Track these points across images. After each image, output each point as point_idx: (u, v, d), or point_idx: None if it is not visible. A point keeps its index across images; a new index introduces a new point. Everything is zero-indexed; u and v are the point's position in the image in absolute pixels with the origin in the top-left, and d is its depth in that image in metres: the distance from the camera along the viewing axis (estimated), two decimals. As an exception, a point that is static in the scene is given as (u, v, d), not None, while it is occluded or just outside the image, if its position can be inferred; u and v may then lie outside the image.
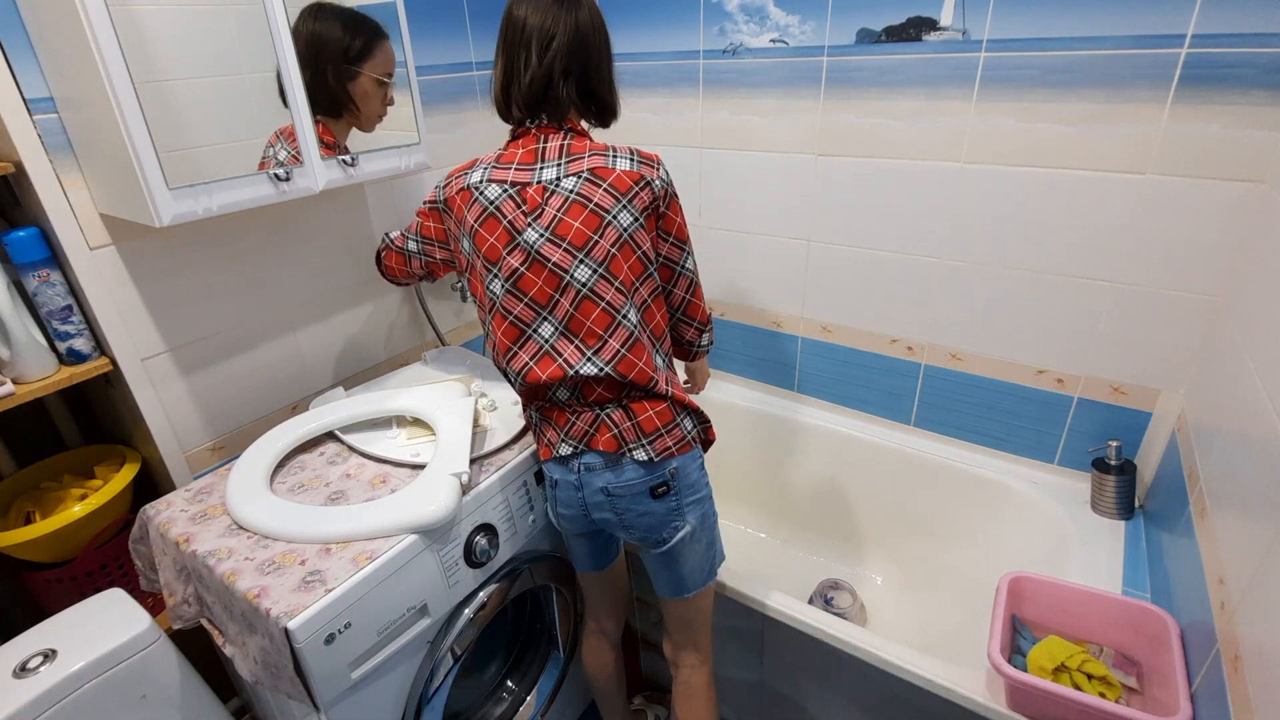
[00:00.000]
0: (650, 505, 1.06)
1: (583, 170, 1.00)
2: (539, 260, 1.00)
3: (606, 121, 1.10)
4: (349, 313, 1.51)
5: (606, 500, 1.07)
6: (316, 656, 0.90)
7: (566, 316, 1.01)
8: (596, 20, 1.03)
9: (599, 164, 1.01)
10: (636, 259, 1.02)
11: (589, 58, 1.03)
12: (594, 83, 1.05)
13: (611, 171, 1.00)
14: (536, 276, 1.01)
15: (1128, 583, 1.24)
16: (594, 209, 0.99)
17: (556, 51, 1.00)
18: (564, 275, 1.00)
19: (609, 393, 1.04)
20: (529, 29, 0.99)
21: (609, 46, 1.06)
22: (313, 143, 1.13)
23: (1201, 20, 1.11)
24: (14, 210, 1.09)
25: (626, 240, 1.00)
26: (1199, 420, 1.19)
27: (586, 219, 0.99)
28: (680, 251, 1.08)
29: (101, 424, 1.31)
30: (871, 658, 1.15)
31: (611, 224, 0.99)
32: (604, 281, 0.99)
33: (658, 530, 1.08)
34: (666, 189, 1.04)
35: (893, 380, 1.69)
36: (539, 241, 1.00)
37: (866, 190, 1.55)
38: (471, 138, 1.71)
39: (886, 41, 1.40)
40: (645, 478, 1.04)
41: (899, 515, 1.73)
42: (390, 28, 1.23)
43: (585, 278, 0.99)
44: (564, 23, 0.99)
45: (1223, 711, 0.82)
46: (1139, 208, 1.25)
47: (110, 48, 0.88)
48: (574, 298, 1.00)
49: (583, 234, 0.99)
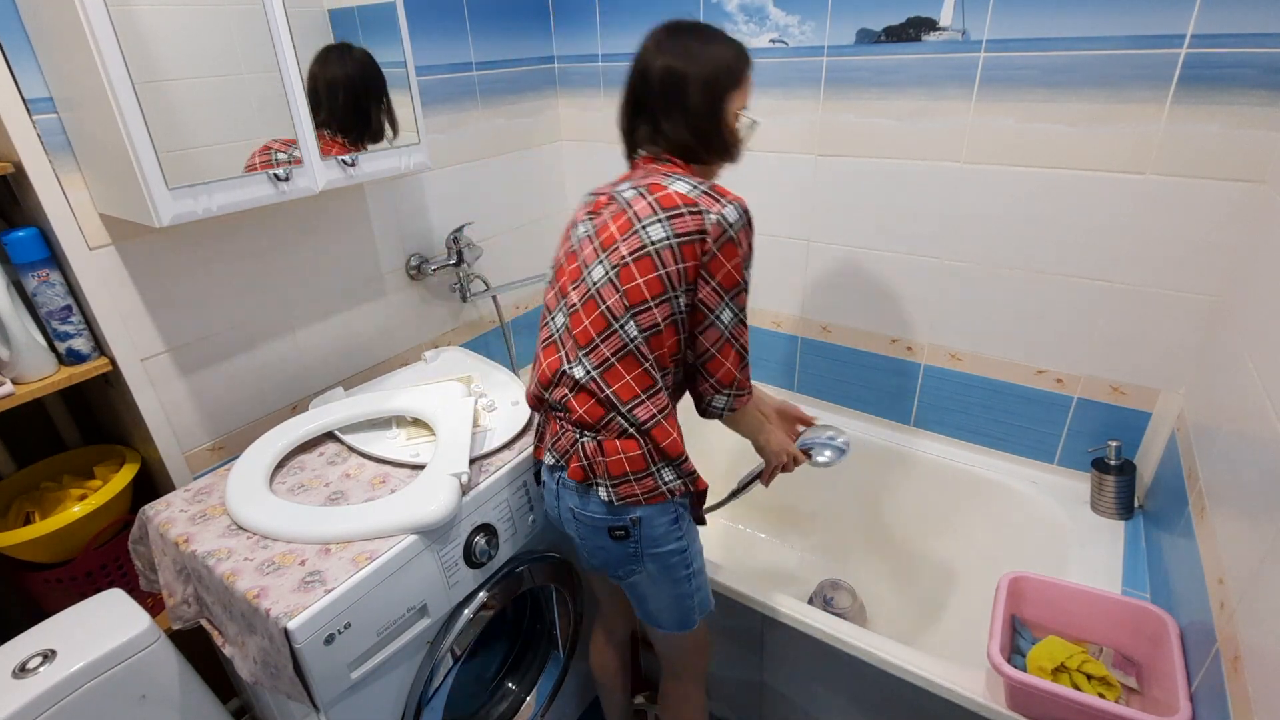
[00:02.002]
0: (606, 543, 1.05)
1: (643, 184, 1.01)
2: (575, 254, 1.05)
3: (699, 161, 1.06)
4: (349, 313, 1.51)
5: (573, 521, 1.08)
6: (316, 657, 0.90)
7: (574, 310, 1.02)
8: (680, 63, 1.00)
9: (657, 181, 1.00)
10: (656, 277, 0.96)
11: (655, 100, 1.02)
12: (672, 124, 1.02)
13: (663, 189, 0.99)
14: (568, 266, 1.06)
15: (1127, 583, 1.24)
16: (630, 216, 0.99)
17: (637, 91, 1.04)
18: (584, 271, 1.02)
19: (590, 415, 1.00)
20: (629, 70, 1.06)
21: (699, 89, 1.00)
22: (312, 143, 1.13)
23: (1201, 20, 1.11)
24: (13, 210, 1.09)
25: (649, 253, 0.96)
26: (1199, 420, 1.19)
27: (621, 224, 0.99)
28: (718, 299, 0.99)
29: (101, 424, 1.31)
30: (871, 658, 1.15)
31: (639, 232, 0.97)
32: (610, 286, 0.98)
33: (612, 568, 1.09)
34: (723, 229, 0.96)
35: (893, 380, 1.69)
36: (581, 237, 1.05)
37: (866, 190, 1.55)
38: (471, 138, 1.71)
39: (886, 41, 1.40)
40: (605, 517, 1.03)
41: (899, 515, 1.73)
42: (390, 28, 1.23)
43: (598, 277, 1.00)
44: (643, 65, 1.03)
45: (1222, 711, 0.82)
46: (1139, 208, 1.26)
47: (110, 48, 0.88)
48: (583, 294, 1.01)
49: (612, 237, 0.99)
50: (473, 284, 1.75)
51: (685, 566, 1.09)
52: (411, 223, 1.61)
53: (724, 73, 1.01)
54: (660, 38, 1.03)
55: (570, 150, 2.02)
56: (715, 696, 1.57)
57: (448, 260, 1.66)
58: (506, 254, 1.90)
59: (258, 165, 1.08)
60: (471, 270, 1.73)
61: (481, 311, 1.89)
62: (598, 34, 1.80)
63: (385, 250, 1.56)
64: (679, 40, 1.01)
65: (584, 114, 1.94)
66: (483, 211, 1.79)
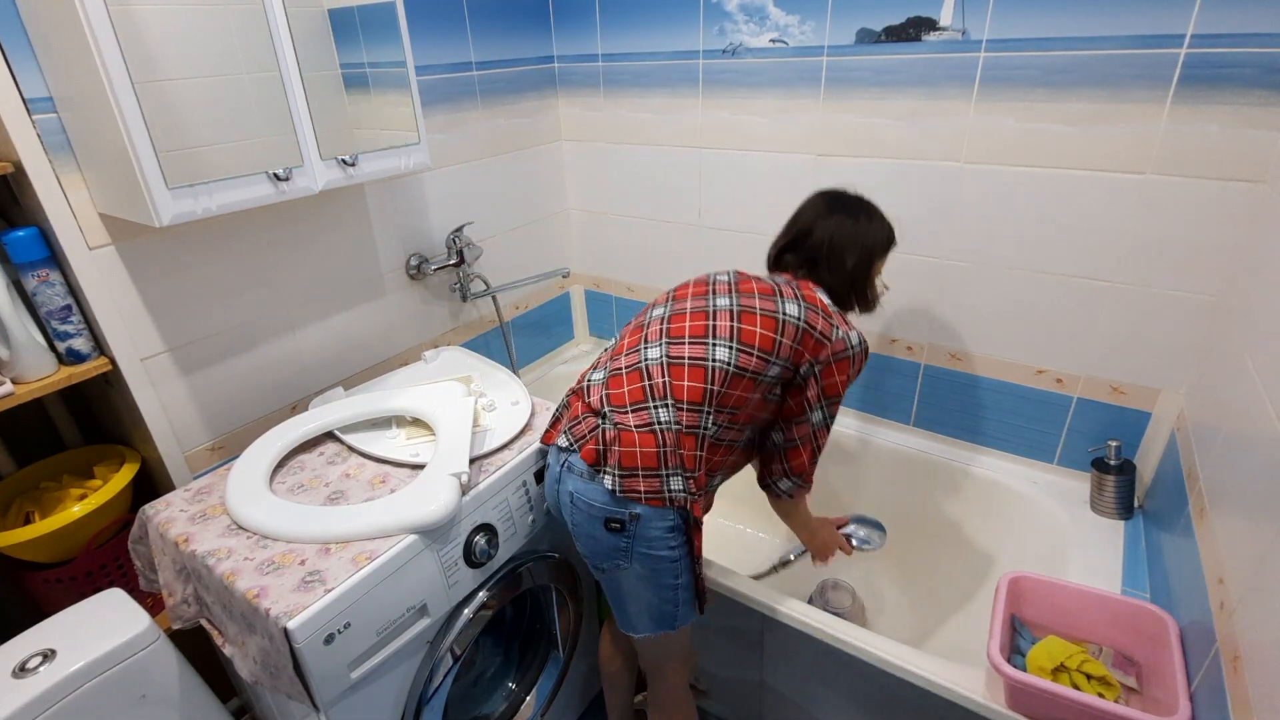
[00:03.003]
0: (599, 533, 1.05)
1: (793, 282, 1.16)
2: (704, 289, 1.17)
3: (840, 305, 1.20)
4: (349, 313, 1.51)
5: (570, 506, 1.08)
6: (316, 656, 0.90)
7: (680, 310, 1.13)
8: (863, 240, 1.18)
9: (808, 287, 1.16)
10: (770, 336, 1.07)
11: (819, 254, 1.18)
12: (831, 274, 1.18)
13: (810, 288, 1.16)
14: (694, 288, 1.19)
15: (1127, 582, 1.24)
16: (776, 292, 1.13)
17: (797, 240, 1.21)
18: (709, 298, 1.14)
19: (633, 396, 1.05)
20: (797, 219, 1.24)
21: (865, 260, 1.18)
22: (312, 143, 1.13)
23: (1201, 20, 1.11)
24: (13, 210, 1.09)
25: (777, 318, 1.08)
26: (1199, 420, 1.19)
27: (763, 287, 1.14)
28: (817, 401, 1.11)
29: (101, 424, 1.31)
30: (871, 658, 1.15)
31: (776, 301, 1.10)
32: (727, 314, 1.09)
33: (598, 559, 1.09)
34: (845, 345, 1.10)
35: (893, 380, 1.69)
36: (718, 281, 1.19)
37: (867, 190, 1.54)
38: (471, 138, 1.71)
39: (886, 41, 1.40)
40: (604, 506, 1.03)
41: (899, 515, 1.73)
42: (390, 27, 1.23)
43: (722, 305, 1.11)
44: (807, 222, 1.21)
45: (1222, 711, 0.82)
46: (1139, 208, 1.25)
47: (110, 48, 0.88)
48: (697, 307, 1.12)
49: (750, 288, 1.14)
50: (473, 284, 1.76)
51: (673, 576, 1.08)
52: (411, 223, 1.61)
53: (880, 247, 1.20)
54: (830, 202, 1.21)
55: (570, 150, 2.02)
56: (715, 697, 1.57)
57: (448, 260, 1.66)
58: (506, 254, 1.90)
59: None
60: (471, 270, 1.73)
61: (481, 311, 1.89)
62: (598, 34, 1.80)
63: (385, 250, 1.56)
64: (849, 214, 1.19)
65: (584, 114, 1.94)
66: (483, 211, 1.79)
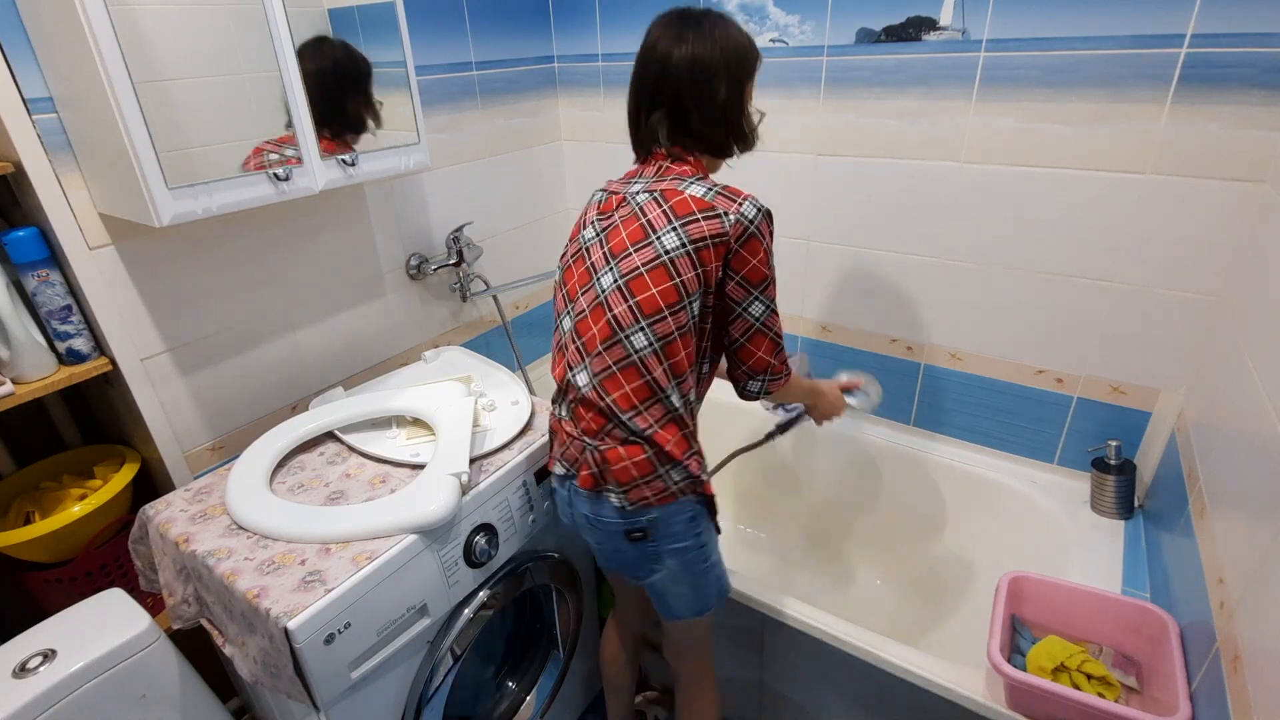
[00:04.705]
0: (624, 545, 1.05)
1: (656, 190, 0.99)
2: (583, 257, 1.04)
3: (723, 154, 1.07)
4: (349, 313, 1.51)
5: (589, 528, 1.07)
6: (316, 656, 0.90)
7: (580, 315, 1.02)
8: (707, 51, 0.97)
9: (672, 186, 0.99)
10: (671, 286, 0.95)
11: (683, 91, 0.98)
12: (701, 117, 1.00)
13: (679, 194, 0.97)
14: (576, 269, 1.05)
15: (1127, 582, 1.24)
16: (644, 224, 0.97)
17: (655, 82, 1.00)
18: (593, 276, 1.01)
19: (594, 423, 1.00)
20: (638, 59, 1.03)
21: (725, 78, 0.98)
22: (312, 142, 1.13)
23: (1201, 20, 1.11)
24: (13, 210, 1.09)
25: (664, 263, 0.94)
26: (1199, 420, 1.19)
27: (633, 231, 0.98)
28: (745, 293, 0.99)
29: (101, 424, 1.31)
30: (871, 657, 1.15)
31: (653, 243, 0.96)
32: (618, 294, 0.97)
33: (633, 569, 1.08)
34: (743, 226, 0.96)
35: (893, 380, 1.69)
36: (590, 240, 1.04)
37: (866, 190, 1.55)
38: (471, 138, 1.71)
39: (886, 41, 1.40)
40: (620, 521, 1.02)
41: (899, 515, 1.73)
42: (390, 27, 1.23)
43: (606, 285, 0.99)
44: (662, 54, 0.98)
45: (1222, 711, 0.82)
46: (1139, 208, 1.26)
47: (110, 48, 0.88)
48: (591, 300, 1.01)
49: (623, 244, 0.98)
50: (473, 284, 1.76)
51: (704, 560, 1.09)
52: (411, 222, 1.61)
53: (747, 60, 1.00)
54: (676, 27, 0.98)
55: (570, 150, 2.02)
56: (715, 696, 1.57)
57: (448, 260, 1.66)
58: (506, 254, 1.90)
59: (253, 167, 1.08)
60: (471, 270, 1.73)
61: (481, 311, 1.89)
62: (598, 34, 1.80)
63: (385, 250, 1.56)
64: (701, 29, 0.97)
65: (584, 114, 1.94)
66: (483, 211, 1.79)
